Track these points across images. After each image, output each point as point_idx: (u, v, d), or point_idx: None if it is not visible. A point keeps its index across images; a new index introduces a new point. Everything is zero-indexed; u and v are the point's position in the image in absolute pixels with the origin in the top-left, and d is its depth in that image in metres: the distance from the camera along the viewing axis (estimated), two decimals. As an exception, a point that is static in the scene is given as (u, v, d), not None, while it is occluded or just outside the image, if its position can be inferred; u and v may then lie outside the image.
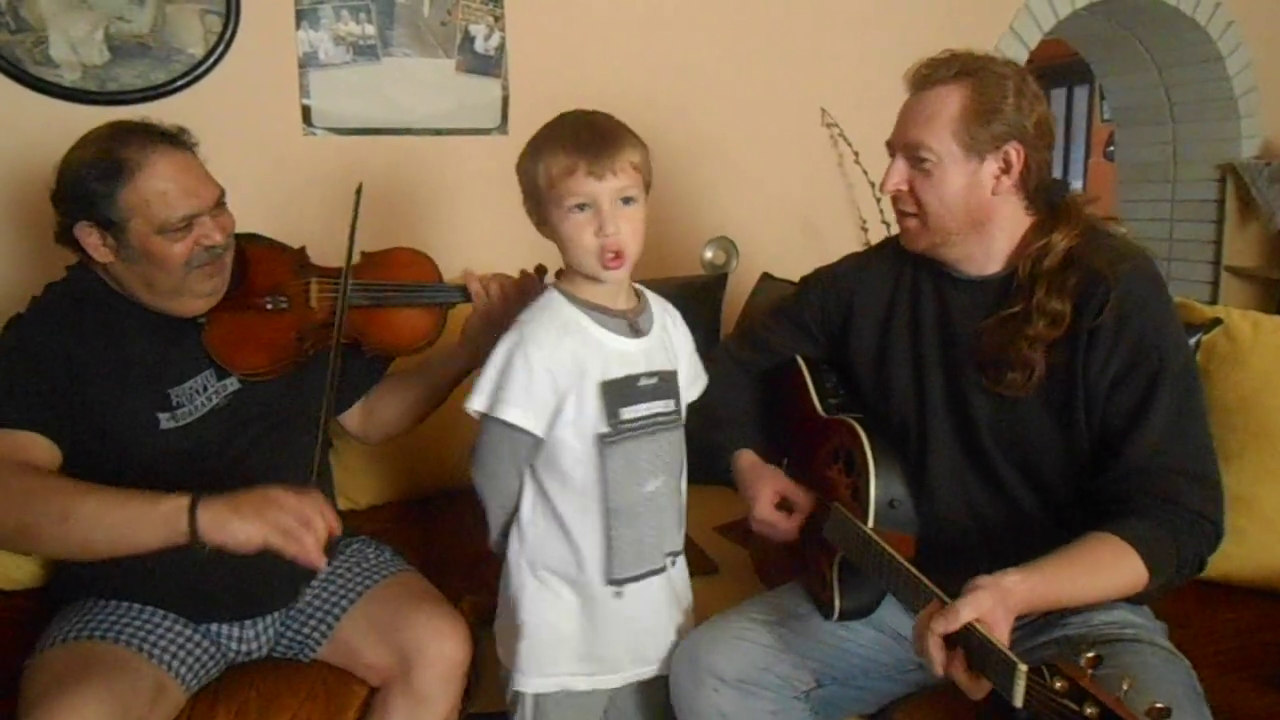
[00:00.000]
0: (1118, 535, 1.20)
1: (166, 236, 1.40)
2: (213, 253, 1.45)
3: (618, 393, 1.31)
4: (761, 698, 1.38)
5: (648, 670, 1.43)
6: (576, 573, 1.35)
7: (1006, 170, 1.36)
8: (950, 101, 1.35)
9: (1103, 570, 1.20)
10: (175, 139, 1.46)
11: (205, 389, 1.50)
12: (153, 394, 1.45)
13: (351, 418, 1.72)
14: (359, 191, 1.56)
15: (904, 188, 1.40)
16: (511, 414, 1.29)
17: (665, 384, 1.36)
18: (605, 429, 1.31)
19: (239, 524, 1.24)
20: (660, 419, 1.35)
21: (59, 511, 1.25)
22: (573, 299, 1.33)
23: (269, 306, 1.55)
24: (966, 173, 1.36)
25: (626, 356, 1.33)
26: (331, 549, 1.31)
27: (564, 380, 1.30)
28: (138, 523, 1.25)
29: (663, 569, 1.39)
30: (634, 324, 1.36)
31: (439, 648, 1.45)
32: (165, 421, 1.45)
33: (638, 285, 1.42)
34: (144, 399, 1.44)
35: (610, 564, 1.34)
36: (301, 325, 1.55)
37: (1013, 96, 1.34)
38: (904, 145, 1.39)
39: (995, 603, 1.07)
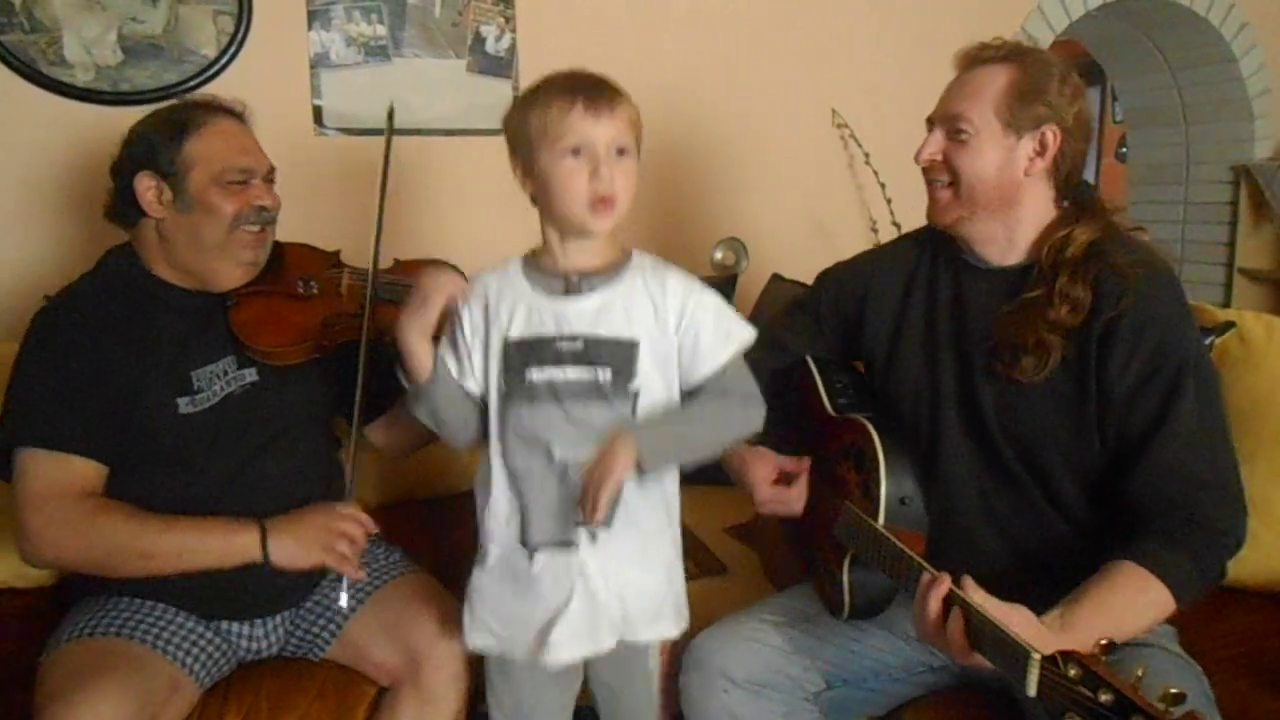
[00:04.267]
0: (1142, 566, 1.19)
1: (223, 189, 1.48)
2: (261, 215, 1.52)
3: (525, 352, 1.26)
4: (771, 699, 1.38)
5: (573, 650, 1.27)
6: (496, 529, 1.31)
7: (1041, 152, 1.38)
8: (996, 78, 1.38)
9: (1137, 611, 1.19)
10: (239, 114, 1.58)
11: (225, 374, 1.52)
12: (174, 376, 1.47)
13: (375, 430, 1.72)
14: (390, 114, 1.59)
15: (938, 158, 1.42)
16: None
17: (597, 351, 1.25)
18: (504, 387, 1.28)
19: (304, 555, 1.43)
20: (582, 386, 1.25)
21: (143, 550, 1.40)
22: (524, 258, 1.32)
23: (299, 289, 1.60)
24: (1004, 148, 1.37)
25: (544, 314, 1.27)
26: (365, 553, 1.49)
27: (474, 331, 1.31)
28: (212, 556, 1.41)
29: (572, 543, 1.27)
30: (571, 282, 1.28)
31: (448, 647, 1.45)
32: (184, 406, 1.47)
33: (639, 251, 1.33)
34: (165, 381, 1.46)
35: (523, 526, 1.29)
36: (329, 312, 1.59)
37: (1057, 83, 1.37)
38: (943, 117, 1.42)
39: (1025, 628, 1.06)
